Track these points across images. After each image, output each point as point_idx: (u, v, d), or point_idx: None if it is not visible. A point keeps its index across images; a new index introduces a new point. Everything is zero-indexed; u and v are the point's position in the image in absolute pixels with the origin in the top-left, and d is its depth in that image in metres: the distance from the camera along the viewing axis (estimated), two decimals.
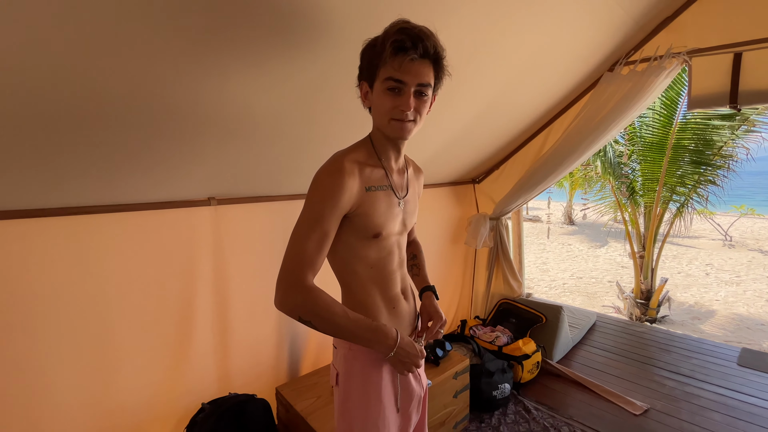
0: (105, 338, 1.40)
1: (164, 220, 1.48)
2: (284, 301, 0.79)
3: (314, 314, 0.79)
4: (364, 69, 0.87)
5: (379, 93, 0.84)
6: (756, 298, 5.41)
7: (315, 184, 0.84)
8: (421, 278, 1.15)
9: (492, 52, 1.61)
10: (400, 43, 0.78)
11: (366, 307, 0.93)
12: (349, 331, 0.82)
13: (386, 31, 0.81)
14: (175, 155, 1.28)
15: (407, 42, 0.78)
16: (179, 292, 1.56)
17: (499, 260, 2.93)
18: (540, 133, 2.57)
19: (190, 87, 1.03)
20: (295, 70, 1.16)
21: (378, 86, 0.84)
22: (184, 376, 1.61)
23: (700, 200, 4.33)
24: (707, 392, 2.32)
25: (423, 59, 0.81)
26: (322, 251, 0.83)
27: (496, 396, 2.12)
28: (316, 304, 0.79)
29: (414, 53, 0.79)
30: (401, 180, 0.99)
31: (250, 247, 1.71)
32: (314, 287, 0.80)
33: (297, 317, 0.80)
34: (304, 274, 0.79)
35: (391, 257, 0.96)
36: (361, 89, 0.89)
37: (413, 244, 1.22)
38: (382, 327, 0.86)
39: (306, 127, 1.44)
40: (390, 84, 0.82)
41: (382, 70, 0.82)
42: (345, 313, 0.82)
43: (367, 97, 0.89)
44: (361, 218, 0.88)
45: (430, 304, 1.07)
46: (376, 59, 0.82)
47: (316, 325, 0.80)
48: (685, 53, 1.96)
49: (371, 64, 0.84)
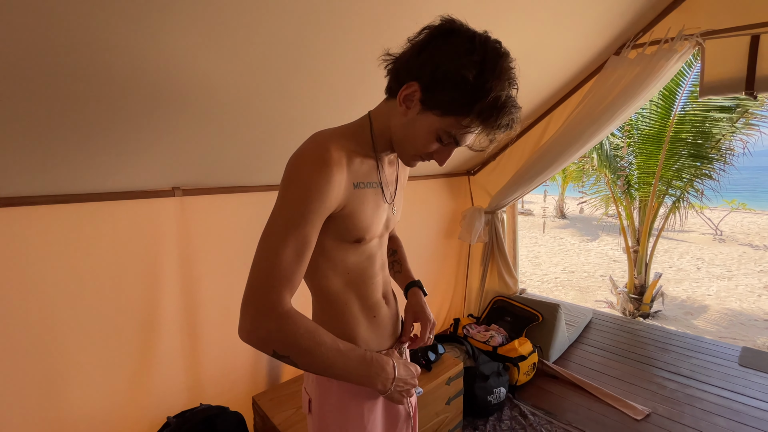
0: (51, 346, 1.22)
1: (120, 212, 1.30)
2: (253, 330, 0.60)
3: (294, 347, 0.61)
4: (432, 85, 0.63)
5: (428, 127, 0.67)
6: (748, 294, 5.40)
7: (293, 174, 0.65)
8: (404, 274, 1.00)
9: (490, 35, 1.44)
10: (492, 125, 0.65)
11: (342, 318, 0.78)
12: (339, 367, 0.65)
13: (496, 94, 0.61)
14: (131, 138, 1.10)
15: (503, 124, 0.65)
16: (140, 293, 1.38)
17: (494, 256, 2.80)
18: (539, 122, 2.42)
19: (130, 51, 0.85)
20: (267, 35, 0.98)
21: (433, 119, 0.65)
22: (148, 386, 1.44)
23: (696, 195, 4.25)
24: (710, 395, 2.22)
25: None
26: (302, 263, 0.64)
27: (491, 401, 2.00)
28: (298, 334, 0.61)
29: (493, 134, 0.67)
30: (392, 173, 0.84)
31: (221, 244, 1.53)
32: (293, 312, 0.62)
33: (270, 352, 0.62)
34: (279, 294, 0.61)
35: (372, 261, 0.81)
36: (408, 87, 0.65)
37: (393, 239, 1.06)
38: (377, 359, 0.71)
39: (282, 104, 1.26)
40: (447, 138, 0.68)
41: (453, 119, 0.64)
42: (335, 344, 0.65)
43: (410, 102, 0.67)
44: (344, 221, 0.71)
45: (417, 302, 0.92)
46: (462, 98, 0.62)
47: (297, 360, 0.63)
48: (698, 35, 1.82)
49: (454, 100, 0.63)
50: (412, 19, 1.09)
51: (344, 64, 1.22)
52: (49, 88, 0.84)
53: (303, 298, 0.76)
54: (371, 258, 0.81)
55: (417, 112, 0.66)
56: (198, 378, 1.56)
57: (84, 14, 0.73)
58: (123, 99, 0.96)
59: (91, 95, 0.91)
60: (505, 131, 0.66)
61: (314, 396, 0.79)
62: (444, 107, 0.63)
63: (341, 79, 1.27)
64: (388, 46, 0.73)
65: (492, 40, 0.65)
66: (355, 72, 1.27)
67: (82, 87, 0.88)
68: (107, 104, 0.95)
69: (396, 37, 0.74)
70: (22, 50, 0.74)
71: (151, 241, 1.38)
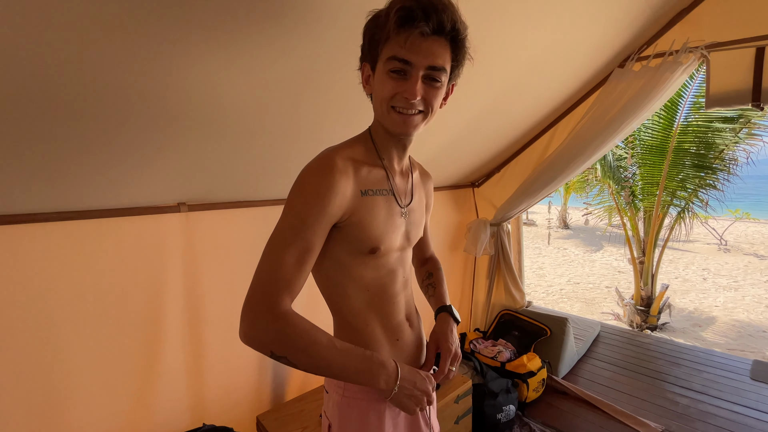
0: (53, 365, 1.20)
1: (125, 228, 1.28)
2: (251, 332, 0.61)
3: (291, 347, 0.61)
4: (366, 47, 0.70)
5: (381, 76, 0.68)
6: (755, 304, 5.33)
7: (298, 184, 0.67)
8: (437, 297, 0.97)
9: (495, 48, 1.44)
10: (407, 12, 0.61)
11: (363, 338, 0.76)
12: (338, 365, 0.64)
13: (395, 4, 0.63)
14: (136, 153, 1.09)
15: (417, 12, 0.60)
16: (143, 310, 1.35)
17: (500, 269, 2.76)
18: (544, 134, 2.42)
19: (145, 69, 0.84)
20: (277, 52, 0.97)
21: (380, 67, 0.68)
22: (150, 406, 1.40)
23: (701, 205, 4.23)
24: (723, 410, 2.17)
25: (437, 36, 0.64)
26: (304, 269, 0.65)
27: (501, 419, 1.95)
28: (294, 334, 0.61)
29: (425, 26, 0.61)
30: (405, 184, 0.82)
31: (226, 260, 1.51)
32: (290, 312, 0.63)
33: (268, 353, 0.62)
34: (278, 297, 0.62)
35: (393, 277, 0.79)
36: (363, 72, 0.73)
37: (430, 261, 1.05)
38: (377, 357, 0.68)
39: (291, 120, 1.26)
40: (393, 65, 0.65)
41: (386, 48, 0.65)
42: (331, 342, 0.64)
43: (368, 81, 0.73)
44: (355, 229, 0.70)
45: (441, 330, 0.88)
46: (378, 33, 0.66)
47: (294, 360, 0.62)
48: (703, 48, 1.82)
49: (373, 40, 0.68)
50: None
51: (351, 81, 1.22)
52: (55, 104, 0.83)
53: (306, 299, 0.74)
54: (391, 274, 0.78)
55: (373, 80, 0.71)
56: (201, 397, 1.53)
57: (95, 32, 0.72)
58: (128, 115, 0.95)
59: (97, 111, 0.90)
60: (430, 13, 0.61)
61: (334, 420, 0.76)
62: (374, 47, 0.68)
63: (348, 96, 1.27)
64: None
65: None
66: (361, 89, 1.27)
67: (89, 103, 0.87)
68: (112, 120, 0.94)
69: None
70: (30, 67, 0.73)
71: (156, 258, 1.36)
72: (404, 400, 0.70)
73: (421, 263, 1.06)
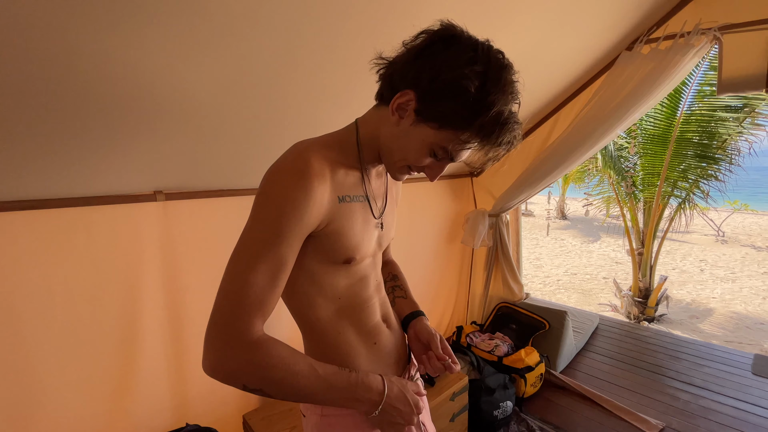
0: (20, 367, 1.12)
1: (96, 219, 1.19)
2: (220, 364, 0.53)
3: (267, 379, 0.54)
4: (430, 95, 0.57)
5: (422, 139, 0.60)
6: (753, 296, 5.31)
7: (269, 188, 0.58)
8: (409, 300, 0.89)
9: (496, 30, 1.34)
10: (492, 142, 0.59)
11: (338, 349, 0.68)
12: (320, 394, 0.57)
13: (499, 109, 0.56)
14: (107, 138, 1.00)
15: (500, 148, 0.60)
16: (119, 307, 1.27)
17: (498, 260, 2.69)
18: (546, 121, 2.32)
19: (105, 51, 0.74)
20: (251, 31, 0.87)
21: (428, 132, 0.59)
22: (129, 407, 1.33)
23: (702, 196, 4.16)
24: (724, 406, 2.12)
25: None
26: (277, 288, 0.57)
27: (498, 416, 1.89)
28: (270, 365, 0.54)
29: (491, 154, 0.62)
30: (380, 186, 0.75)
31: (208, 251, 1.42)
32: (265, 339, 0.55)
33: (240, 386, 0.54)
34: (249, 321, 0.54)
35: (365, 283, 0.72)
36: (403, 95, 0.59)
37: (389, 264, 0.97)
38: (363, 379, 0.61)
39: (270, 103, 1.15)
40: (440, 152, 0.61)
41: (450, 133, 0.58)
42: (312, 370, 0.57)
43: (404, 111, 0.60)
44: (330, 238, 0.63)
45: (425, 327, 0.81)
46: (458, 113, 0.56)
47: (271, 392, 0.55)
48: (716, 29, 1.72)
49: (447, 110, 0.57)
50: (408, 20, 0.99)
51: (334, 65, 1.12)
52: (18, 89, 0.74)
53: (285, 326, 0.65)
54: (364, 280, 0.71)
55: (410, 123, 0.60)
56: (184, 396, 1.45)
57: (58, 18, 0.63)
58: (97, 97, 0.85)
59: (61, 95, 0.81)
60: (505, 149, 0.61)
61: None
62: (441, 120, 0.57)
63: (331, 80, 1.17)
64: (382, 48, 0.64)
65: (495, 50, 0.58)
66: (345, 73, 1.17)
67: (53, 87, 0.78)
68: (80, 102, 0.85)
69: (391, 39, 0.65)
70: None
71: (131, 250, 1.27)
72: (386, 425, 0.65)
73: (382, 264, 0.98)
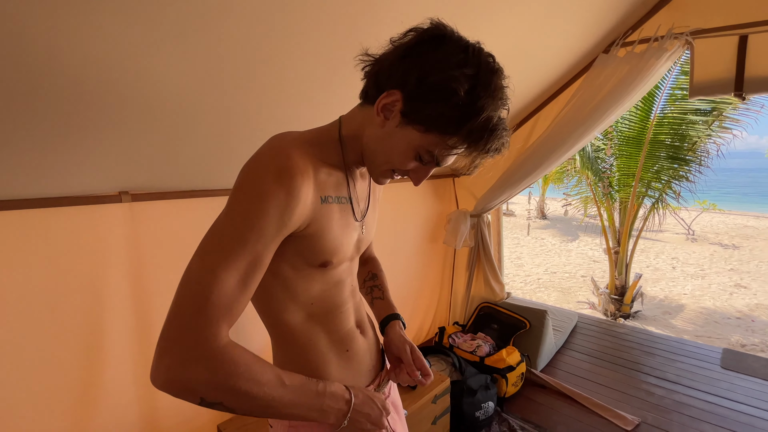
0: None
1: (55, 221, 1.11)
2: (177, 374, 0.46)
3: (229, 391, 0.48)
4: (417, 96, 0.55)
5: (407, 142, 0.58)
6: (720, 292, 5.54)
7: (247, 183, 0.53)
8: (386, 302, 0.87)
9: (475, 31, 1.33)
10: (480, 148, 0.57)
11: (306, 356, 0.65)
12: (286, 407, 0.52)
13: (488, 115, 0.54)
14: (67, 134, 0.93)
15: (488, 154, 0.59)
16: (81, 315, 1.19)
17: (480, 261, 2.70)
18: (526, 122, 2.34)
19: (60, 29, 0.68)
20: (221, 21, 0.82)
21: (414, 135, 0.57)
22: (93, 421, 1.25)
23: (674, 196, 4.31)
24: (696, 400, 2.19)
25: None
26: (249, 289, 0.52)
27: (479, 417, 1.89)
28: (235, 374, 0.47)
29: (478, 160, 0.60)
30: (363, 187, 0.72)
31: (178, 256, 1.35)
32: (230, 347, 0.49)
33: (197, 399, 0.47)
34: (216, 327, 0.48)
35: (340, 288, 0.69)
36: (389, 95, 0.56)
37: (371, 261, 0.94)
38: (329, 390, 0.57)
39: (242, 98, 1.10)
40: (426, 156, 0.58)
41: (437, 137, 0.56)
42: (279, 380, 0.52)
43: (390, 112, 0.57)
44: (308, 241, 0.59)
45: (398, 337, 0.79)
46: (446, 117, 0.54)
47: (232, 406, 0.49)
48: (688, 34, 1.77)
49: (435, 113, 0.54)
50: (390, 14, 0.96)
51: (313, 59, 1.08)
52: None
53: None
54: (339, 285, 0.68)
55: (396, 125, 0.57)
56: (154, 407, 1.38)
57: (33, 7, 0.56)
58: (51, 90, 0.79)
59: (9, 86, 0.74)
60: (493, 155, 0.59)
61: None
62: (428, 123, 0.55)
63: (309, 75, 1.13)
64: (364, 43, 0.62)
65: (485, 53, 0.56)
66: (326, 68, 1.13)
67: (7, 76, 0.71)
68: (30, 96, 0.78)
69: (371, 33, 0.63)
70: None
71: (95, 255, 1.19)
72: None
73: (362, 262, 0.95)
